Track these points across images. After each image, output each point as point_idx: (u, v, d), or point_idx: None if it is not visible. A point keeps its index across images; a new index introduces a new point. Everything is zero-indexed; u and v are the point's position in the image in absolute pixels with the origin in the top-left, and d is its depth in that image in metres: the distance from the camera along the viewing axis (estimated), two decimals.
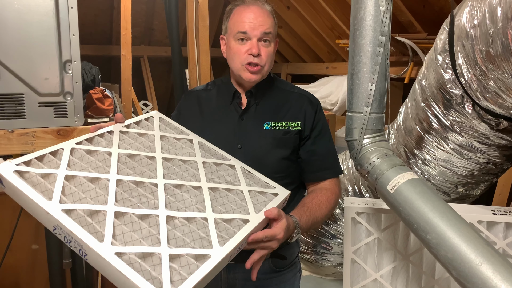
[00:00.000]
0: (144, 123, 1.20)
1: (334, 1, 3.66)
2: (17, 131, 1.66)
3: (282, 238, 1.02)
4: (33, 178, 0.88)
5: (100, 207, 0.85)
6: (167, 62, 5.29)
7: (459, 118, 1.79)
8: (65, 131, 1.74)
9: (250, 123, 1.27)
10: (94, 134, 1.07)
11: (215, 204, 1.00)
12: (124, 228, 0.84)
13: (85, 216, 0.83)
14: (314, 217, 1.17)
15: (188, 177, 1.05)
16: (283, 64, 5.49)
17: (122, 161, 1.02)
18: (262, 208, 1.03)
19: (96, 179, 0.93)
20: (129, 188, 0.95)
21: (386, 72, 1.31)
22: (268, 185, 1.13)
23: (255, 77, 1.24)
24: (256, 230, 0.97)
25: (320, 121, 1.31)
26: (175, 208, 0.94)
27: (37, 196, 0.83)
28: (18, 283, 2.23)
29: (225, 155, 1.18)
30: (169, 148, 1.14)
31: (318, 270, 2.98)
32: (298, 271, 1.39)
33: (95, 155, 1.01)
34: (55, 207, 0.81)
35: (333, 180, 1.30)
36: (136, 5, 4.28)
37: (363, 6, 1.28)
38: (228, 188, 1.05)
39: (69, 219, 0.80)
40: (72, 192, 0.89)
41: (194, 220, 0.92)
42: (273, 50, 1.25)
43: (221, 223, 0.94)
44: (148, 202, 0.93)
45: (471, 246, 1.01)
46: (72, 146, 1.00)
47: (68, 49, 1.69)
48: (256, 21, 1.20)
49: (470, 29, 1.54)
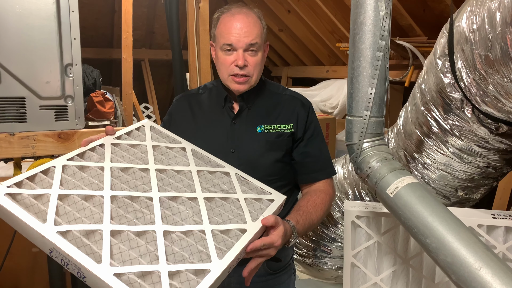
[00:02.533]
0: (135, 133, 1.19)
1: (335, 5, 3.67)
2: (18, 134, 1.67)
3: (280, 245, 1.02)
4: (25, 200, 0.85)
5: (96, 226, 0.84)
6: (168, 65, 5.30)
7: (458, 122, 1.79)
8: (66, 134, 1.75)
9: (242, 127, 1.27)
10: (85, 148, 1.05)
11: (212, 215, 0.99)
12: (121, 247, 0.82)
13: (81, 237, 0.81)
14: (310, 220, 1.18)
15: (183, 188, 1.05)
16: (283, 67, 5.50)
17: (115, 175, 1.00)
18: (259, 216, 1.02)
19: (90, 197, 0.92)
20: (124, 203, 0.93)
21: (385, 76, 1.32)
22: (264, 191, 1.13)
23: (243, 87, 1.24)
24: (254, 238, 0.97)
25: (313, 123, 1.31)
26: (172, 222, 0.94)
27: (31, 219, 0.80)
28: (18, 286, 2.24)
29: (219, 162, 1.17)
30: (162, 159, 1.12)
31: (318, 273, 2.98)
32: (292, 273, 1.40)
33: (87, 170, 0.99)
34: (50, 230, 0.79)
35: (327, 181, 1.31)
36: (137, 8, 4.29)
37: (362, 11, 1.28)
38: (224, 197, 1.05)
39: (65, 241, 0.78)
40: (67, 212, 0.87)
41: (191, 233, 0.91)
42: (261, 58, 1.24)
43: (218, 234, 0.93)
44: (144, 217, 0.92)
45: (471, 250, 1.01)
46: (64, 163, 0.98)
47: (69, 53, 1.70)
48: (242, 32, 1.19)
49: (470, 34, 1.55)
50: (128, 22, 3.28)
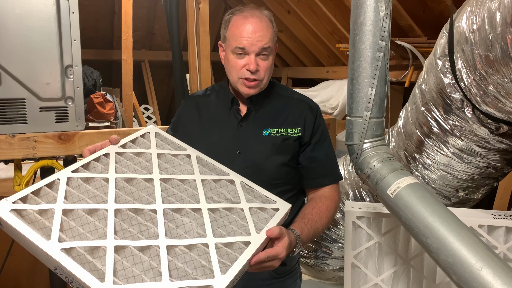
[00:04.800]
0: (140, 141, 1.19)
1: (335, 6, 3.67)
2: (18, 135, 1.67)
3: (284, 257, 1.01)
4: (30, 215, 0.86)
5: (100, 242, 0.85)
6: (168, 67, 5.31)
7: (459, 123, 1.79)
8: (66, 135, 1.75)
9: (249, 129, 1.26)
10: (90, 158, 1.05)
11: (216, 227, 0.99)
12: (125, 263, 0.83)
13: (85, 253, 0.82)
14: (315, 228, 1.16)
15: (187, 198, 1.05)
16: (283, 68, 5.50)
17: (120, 186, 1.01)
18: (263, 227, 1.02)
19: (94, 211, 0.92)
20: (128, 217, 0.94)
21: (386, 76, 1.32)
22: (269, 200, 1.12)
23: (253, 91, 1.23)
24: (258, 250, 0.97)
25: (320, 127, 1.30)
26: (175, 235, 0.94)
27: (36, 236, 0.81)
28: (19, 287, 2.24)
29: (224, 170, 1.17)
30: (166, 167, 1.13)
31: (319, 274, 2.98)
32: (298, 277, 1.39)
33: (92, 182, 1.00)
34: (54, 247, 0.80)
35: (333, 187, 1.30)
36: (137, 9, 4.30)
37: (362, 12, 1.29)
38: (228, 207, 1.05)
39: (68, 259, 0.79)
40: (71, 227, 0.88)
41: (195, 247, 0.91)
42: (272, 61, 1.24)
43: (222, 247, 0.93)
44: (148, 230, 0.93)
45: (472, 251, 1.01)
46: (68, 175, 0.98)
47: (70, 54, 1.70)
48: (255, 36, 1.18)
49: (470, 34, 1.55)
50: (128, 23, 3.28)
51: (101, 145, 1.10)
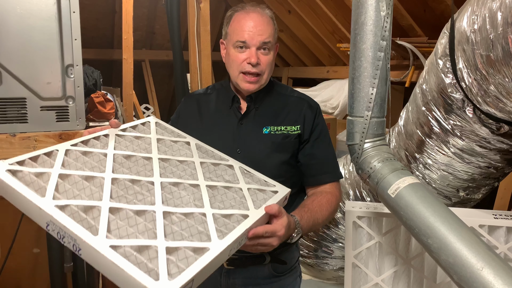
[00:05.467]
0: (140, 128, 1.19)
1: (335, 5, 3.67)
2: (19, 135, 1.67)
3: (283, 236, 1.00)
4: (26, 177, 0.86)
5: (95, 202, 0.83)
6: (169, 66, 5.30)
7: (460, 122, 1.79)
8: (67, 135, 1.75)
9: (249, 127, 1.27)
10: (89, 136, 1.05)
11: (214, 201, 0.98)
12: (119, 222, 0.81)
13: (79, 211, 0.81)
14: (315, 218, 1.16)
15: (185, 176, 1.04)
16: (284, 67, 5.50)
17: (118, 161, 1.00)
18: (262, 205, 1.00)
19: (91, 178, 0.91)
20: (124, 186, 0.93)
21: (386, 76, 1.32)
22: (268, 183, 1.12)
23: (253, 86, 1.24)
24: (256, 225, 0.95)
25: (320, 125, 1.31)
26: (172, 205, 0.93)
27: (30, 192, 0.81)
28: (20, 286, 2.24)
29: (223, 156, 1.17)
30: (166, 150, 1.12)
31: (319, 274, 2.97)
32: (298, 275, 1.39)
33: (90, 156, 0.99)
34: (48, 203, 0.79)
35: (333, 184, 1.30)
36: (138, 9, 4.29)
37: (363, 11, 1.28)
38: (227, 186, 1.04)
39: (62, 214, 0.78)
40: (66, 189, 0.87)
41: (192, 215, 0.90)
42: (272, 58, 1.25)
43: (220, 218, 0.92)
44: (145, 199, 0.92)
45: (472, 251, 1.01)
46: (67, 147, 0.98)
47: (70, 54, 1.70)
48: (256, 30, 1.20)
49: (471, 34, 1.55)
50: (129, 23, 3.28)
51: (101, 128, 1.11)
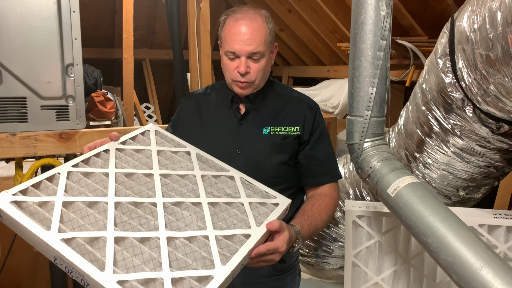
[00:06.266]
0: (140, 138, 1.19)
1: (336, 5, 3.67)
2: (19, 134, 1.67)
3: (285, 251, 1.01)
4: (30, 207, 0.86)
5: (100, 233, 0.84)
6: (169, 65, 5.30)
7: (459, 122, 1.79)
8: (67, 134, 1.75)
9: (249, 128, 1.27)
10: (90, 154, 1.06)
11: (216, 220, 0.99)
12: (125, 254, 0.83)
13: (85, 244, 0.81)
14: (315, 225, 1.17)
15: (187, 192, 1.05)
16: (284, 67, 5.50)
17: (120, 181, 1.01)
18: (263, 220, 1.02)
19: (95, 203, 0.92)
20: (128, 210, 0.94)
21: (386, 76, 1.32)
22: (269, 195, 1.12)
23: (246, 91, 1.24)
24: (259, 243, 0.97)
25: (319, 126, 1.31)
26: (175, 228, 0.94)
27: (36, 227, 0.81)
28: (20, 286, 2.24)
29: (224, 166, 1.17)
30: (166, 163, 1.13)
31: (319, 273, 2.98)
32: (297, 274, 1.39)
33: (92, 177, 1.00)
34: (54, 238, 0.80)
35: (332, 185, 1.30)
36: (138, 8, 4.29)
37: (363, 11, 1.28)
38: (228, 201, 1.05)
39: (68, 249, 0.79)
40: (71, 219, 0.87)
41: (195, 239, 0.91)
42: (265, 63, 1.23)
43: (222, 240, 0.93)
44: (148, 223, 0.92)
45: (472, 250, 1.01)
46: (69, 169, 0.99)
47: (70, 53, 1.70)
48: (245, 39, 1.18)
49: (471, 33, 1.55)
50: (129, 22, 3.28)
51: (101, 142, 1.11)
